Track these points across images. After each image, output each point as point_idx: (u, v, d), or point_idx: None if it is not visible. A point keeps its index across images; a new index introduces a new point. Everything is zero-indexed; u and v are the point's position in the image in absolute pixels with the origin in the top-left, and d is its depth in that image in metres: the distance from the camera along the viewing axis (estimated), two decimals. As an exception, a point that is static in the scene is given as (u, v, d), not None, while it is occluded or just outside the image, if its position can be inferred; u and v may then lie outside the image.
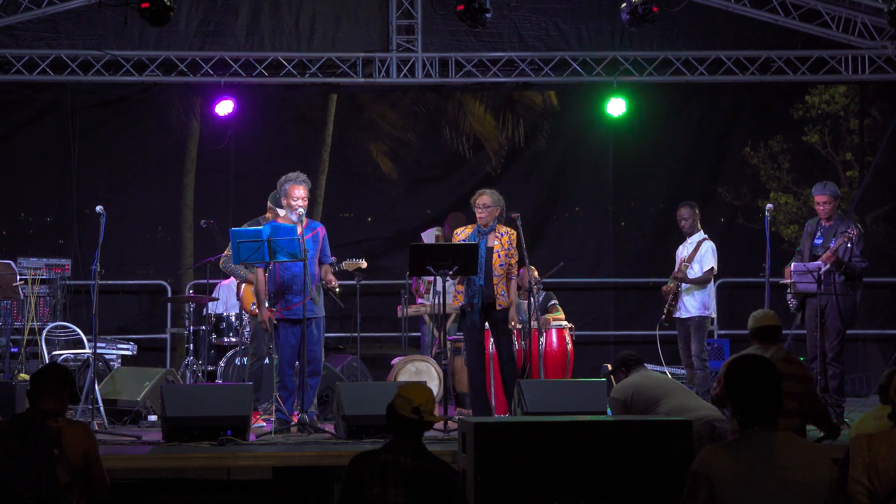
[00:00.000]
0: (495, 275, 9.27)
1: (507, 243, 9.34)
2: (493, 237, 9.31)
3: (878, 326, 12.98)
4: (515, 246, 9.36)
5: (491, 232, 9.32)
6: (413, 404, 5.38)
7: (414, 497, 5.23)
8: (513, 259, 9.37)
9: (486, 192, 9.47)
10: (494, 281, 9.27)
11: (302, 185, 8.97)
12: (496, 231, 9.34)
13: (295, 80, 12.70)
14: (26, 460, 5.34)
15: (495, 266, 9.27)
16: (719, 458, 4.11)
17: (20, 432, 5.42)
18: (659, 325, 10.42)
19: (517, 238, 9.35)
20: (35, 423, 5.46)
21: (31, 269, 11.22)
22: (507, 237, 9.35)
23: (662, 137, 13.21)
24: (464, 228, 9.48)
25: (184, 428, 8.18)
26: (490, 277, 9.27)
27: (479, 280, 9.21)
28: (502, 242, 9.31)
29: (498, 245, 9.30)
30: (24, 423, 5.50)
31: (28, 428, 5.44)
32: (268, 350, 9.72)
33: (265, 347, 9.85)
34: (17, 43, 12.41)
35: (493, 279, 9.27)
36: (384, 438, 5.59)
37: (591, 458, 5.96)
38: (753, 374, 4.21)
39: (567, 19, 12.88)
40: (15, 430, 5.45)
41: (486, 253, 9.25)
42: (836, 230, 9.59)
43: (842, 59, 12.92)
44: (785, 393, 6.62)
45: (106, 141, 12.84)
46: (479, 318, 9.30)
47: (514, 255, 9.37)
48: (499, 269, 9.28)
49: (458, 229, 9.54)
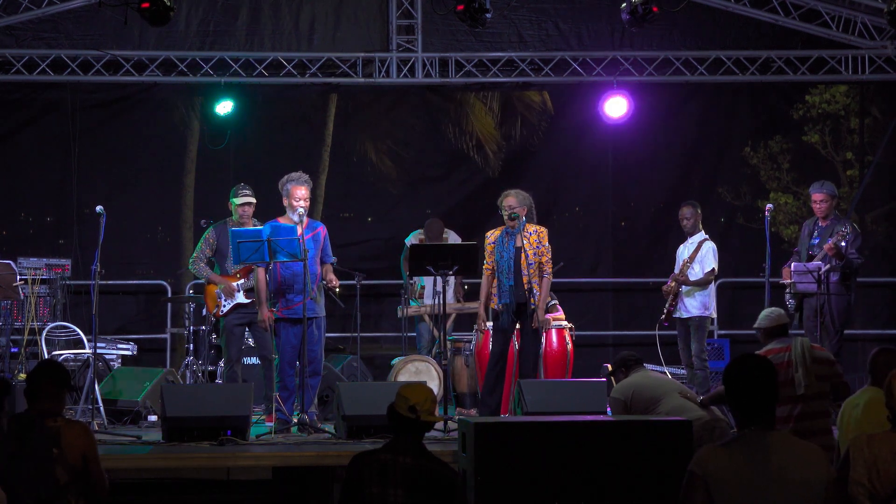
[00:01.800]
0: (525, 274, 9.26)
1: (536, 242, 9.33)
2: (520, 237, 9.31)
3: (878, 326, 12.96)
4: (544, 244, 9.35)
5: (519, 231, 9.31)
6: (409, 402, 5.39)
7: (413, 497, 5.24)
8: (544, 257, 9.36)
9: (512, 193, 9.45)
10: (524, 280, 9.26)
11: (304, 185, 8.99)
12: (525, 230, 9.33)
13: (295, 80, 12.70)
14: (25, 460, 5.34)
15: (524, 266, 9.26)
16: (716, 458, 4.10)
17: (19, 432, 5.42)
18: (659, 326, 10.42)
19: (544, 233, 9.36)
20: (34, 423, 5.46)
21: (31, 269, 11.22)
22: (537, 235, 9.35)
23: (662, 137, 13.20)
24: (493, 231, 9.47)
25: (184, 428, 8.19)
26: (519, 277, 9.27)
27: (509, 280, 9.23)
28: (531, 241, 9.31)
29: (526, 244, 9.30)
30: (22, 423, 5.50)
31: (27, 428, 5.45)
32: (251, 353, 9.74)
33: (236, 351, 9.79)
34: (17, 43, 12.40)
35: (522, 278, 9.26)
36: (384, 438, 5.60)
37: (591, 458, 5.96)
38: (753, 374, 4.21)
39: (567, 19, 12.87)
40: (14, 430, 5.45)
41: (514, 253, 9.27)
42: (832, 230, 9.60)
43: (842, 59, 12.91)
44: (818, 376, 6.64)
45: (106, 141, 12.83)
46: (508, 319, 9.30)
47: (544, 254, 9.36)
48: (528, 268, 9.26)
49: (488, 232, 9.55)
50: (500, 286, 9.29)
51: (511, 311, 9.27)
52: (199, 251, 9.95)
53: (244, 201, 9.75)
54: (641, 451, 6.00)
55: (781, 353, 7.16)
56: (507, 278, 9.23)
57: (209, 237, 9.89)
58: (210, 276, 9.85)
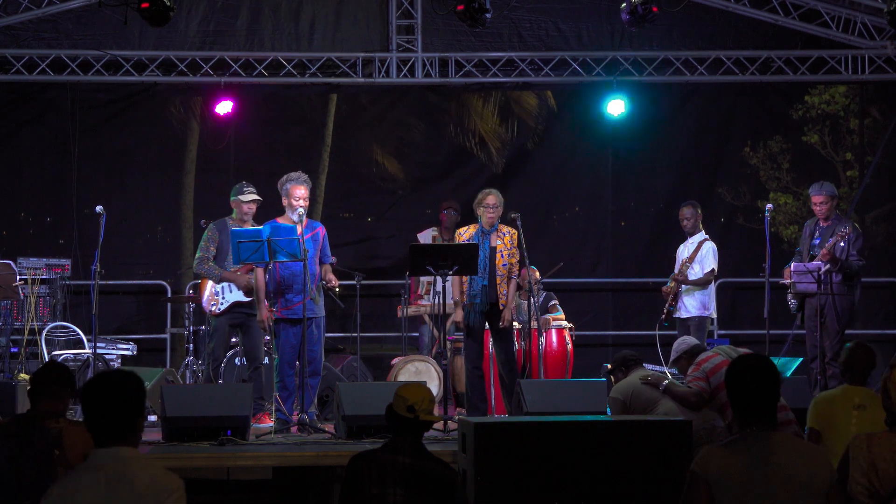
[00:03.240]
0: (498, 275, 9.26)
1: (510, 243, 9.32)
2: (495, 237, 9.29)
3: (878, 326, 12.97)
4: (517, 245, 9.34)
5: (493, 232, 9.30)
6: (408, 402, 5.39)
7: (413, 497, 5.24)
8: (514, 259, 9.36)
9: (493, 192, 9.41)
10: (497, 281, 9.26)
11: (303, 184, 8.98)
12: (498, 231, 9.32)
13: (295, 80, 12.70)
14: (27, 461, 5.35)
15: (498, 266, 9.26)
16: (717, 459, 4.10)
17: (21, 433, 5.43)
18: (658, 325, 10.42)
19: (518, 238, 9.34)
20: (35, 424, 5.46)
21: (31, 269, 11.22)
22: (509, 237, 9.33)
23: (662, 137, 13.20)
24: (466, 228, 9.45)
25: (184, 428, 8.18)
26: (493, 277, 9.26)
27: (483, 280, 9.20)
28: (504, 242, 9.30)
29: (501, 245, 9.28)
30: (24, 424, 5.50)
31: (29, 428, 5.45)
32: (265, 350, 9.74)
33: (223, 351, 9.76)
34: (17, 43, 12.41)
35: (496, 279, 9.26)
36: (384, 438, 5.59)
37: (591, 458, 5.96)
38: (753, 374, 4.21)
39: (567, 19, 12.88)
40: (15, 431, 5.46)
41: (489, 253, 9.25)
42: (833, 230, 9.59)
43: (842, 59, 12.92)
44: None
45: (106, 141, 12.83)
46: (479, 319, 9.28)
47: (515, 255, 9.36)
48: (501, 268, 9.27)
49: (461, 229, 9.51)
50: (471, 285, 9.24)
51: (481, 312, 9.25)
52: (205, 251, 9.68)
53: (252, 198, 9.61)
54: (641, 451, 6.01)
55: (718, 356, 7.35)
56: (481, 277, 9.19)
57: (212, 236, 9.69)
58: (223, 275, 9.62)
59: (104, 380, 3.87)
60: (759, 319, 10.06)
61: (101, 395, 3.82)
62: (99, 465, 3.76)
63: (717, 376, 7.23)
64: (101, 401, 3.81)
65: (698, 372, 7.49)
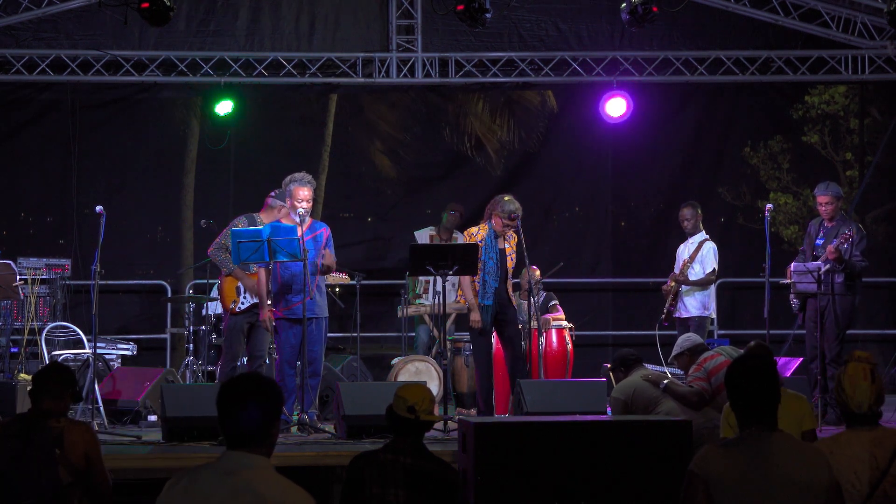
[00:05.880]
0: (508, 277, 9.37)
1: (515, 244, 9.40)
2: (503, 240, 9.38)
3: (878, 326, 12.98)
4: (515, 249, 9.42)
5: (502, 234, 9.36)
6: (408, 403, 5.39)
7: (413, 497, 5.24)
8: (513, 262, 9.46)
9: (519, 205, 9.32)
10: (508, 283, 9.35)
11: (307, 186, 8.93)
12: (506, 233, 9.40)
13: (295, 80, 12.70)
14: (28, 460, 5.35)
15: (509, 268, 9.34)
16: (716, 459, 4.09)
17: (22, 432, 5.43)
18: (658, 325, 10.42)
19: (518, 239, 9.37)
20: (37, 424, 5.46)
21: (31, 269, 11.21)
22: (514, 240, 9.42)
23: (662, 137, 13.20)
24: (478, 229, 9.43)
25: (184, 428, 8.18)
26: (505, 279, 9.31)
27: (496, 282, 9.24)
28: (511, 244, 9.41)
29: (509, 248, 9.40)
30: (25, 424, 5.50)
31: (30, 428, 5.45)
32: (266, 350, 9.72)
33: (241, 349, 9.72)
34: (17, 43, 12.40)
35: (507, 281, 9.35)
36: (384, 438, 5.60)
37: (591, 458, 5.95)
38: (754, 374, 4.21)
39: (567, 19, 12.88)
40: (16, 431, 5.45)
41: (500, 255, 9.30)
42: (837, 230, 9.58)
43: (842, 59, 12.92)
44: None
45: (106, 141, 12.83)
46: (490, 320, 9.29)
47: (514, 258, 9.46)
48: (511, 270, 9.38)
49: (472, 229, 9.50)
50: (484, 287, 9.27)
51: (490, 313, 9.26)
52: (226, 238, 9.35)
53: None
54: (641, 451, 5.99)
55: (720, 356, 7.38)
56: (494, 280, 9.23)
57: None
58: (235, 271, 9.45)
59: (243, 381, 3.71)
60: (759, 319, 10.06)
61: (237, 397, 3.65)
62: (229, 469, 3.61)
63: (718, 376, 7.24)
64: (237, 403, 3.63)
65: (700, 371, 7.51)
